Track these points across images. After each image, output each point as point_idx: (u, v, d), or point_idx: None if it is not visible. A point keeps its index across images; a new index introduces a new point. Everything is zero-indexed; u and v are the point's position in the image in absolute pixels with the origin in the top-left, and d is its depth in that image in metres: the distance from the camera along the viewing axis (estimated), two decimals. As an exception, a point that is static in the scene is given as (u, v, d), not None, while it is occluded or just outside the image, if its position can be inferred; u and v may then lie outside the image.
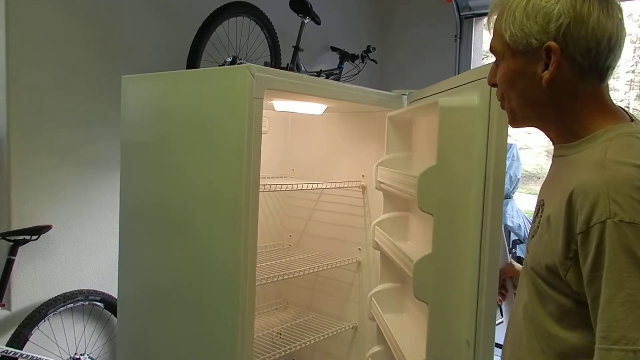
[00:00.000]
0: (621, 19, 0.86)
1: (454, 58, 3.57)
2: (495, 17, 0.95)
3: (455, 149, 1.26)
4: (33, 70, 2.17)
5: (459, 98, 1.33)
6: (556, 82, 0.87)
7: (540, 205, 0.93)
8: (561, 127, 0.92)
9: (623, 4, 0.89)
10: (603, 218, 0.75)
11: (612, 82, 0.92)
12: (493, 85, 0.99)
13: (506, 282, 1.33)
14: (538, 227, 0.90)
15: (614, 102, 0.92)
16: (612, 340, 0.73)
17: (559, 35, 0.85)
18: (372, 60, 3.21)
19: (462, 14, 3.54)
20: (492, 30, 0.96)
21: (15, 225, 2.14)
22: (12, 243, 2.08)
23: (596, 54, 0.85)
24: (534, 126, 0.98)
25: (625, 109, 0.92)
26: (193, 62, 2.32)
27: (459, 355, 1.27)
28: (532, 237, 0.91)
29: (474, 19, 3.57)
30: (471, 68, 3.57)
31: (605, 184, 0.76)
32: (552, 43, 0.85)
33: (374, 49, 3.20)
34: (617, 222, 0.74)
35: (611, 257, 0.74)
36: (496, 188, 1.18)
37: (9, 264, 2.08)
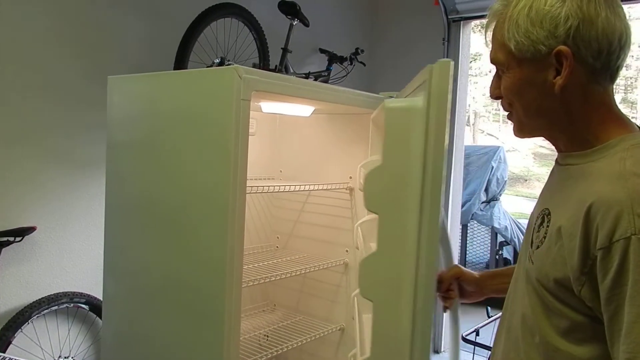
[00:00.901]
0: (625, 17, 0.85)
1: (441, 61, 3.60)
2: (492, 28, 0.92)
3: (400, 149, 1.27)
4: (17, 71, 2.14)
5: (406, 99, 1.34)
6: (568, 88, 0.85)
7: (545, 214, 0.89)
8: (571, 135, 0.89)
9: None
10: (628, 234, 0.72)
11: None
12: (497, 97, 0.95)
13: (452, 285, 1.31)
14: (545, 237, 0.86)
15: (619, 108, 0.90)
16: None
17: (569, 38, 0.82)
18: (361, 62, 3.22)
19: (449, 17, 3.57)
20: (491, 42, 0.93)
21: (-1, 227, 2.12)
22: (-5, 244, 2.06)
23: (607, 54, 0.83)
24: (541, 135, 0.95)
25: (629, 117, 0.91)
26: (180, 63, 2.31)
27: (402, 354, 1.28)
28: (538, 247, 0.87)
29: (462, 22, 3.59)
30: (459, 71, 3.59)
31: (629, 198, 0.73)
32: (562, 47, 0.82)
33: (362, 51, 3.21)
34: None
35: (637, 275, 0.71)
36: (434, 188, 1.21)
37: (-8, 265, 2.06)
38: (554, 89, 0.85)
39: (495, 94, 0.96)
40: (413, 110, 1.24)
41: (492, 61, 0.93)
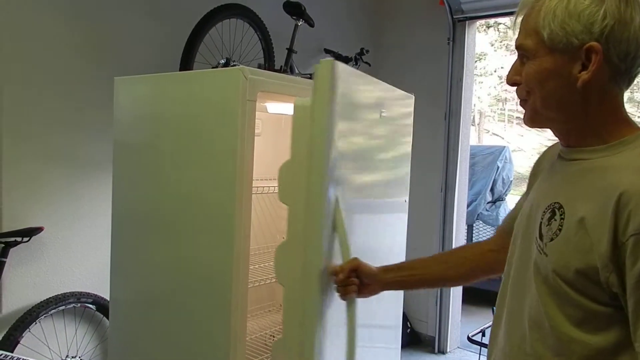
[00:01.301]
0: None
1: (447, 61, 3.59)
2: (524, 14, 0.93)
3: (302, 144, 1.34)
4: (25, 73, 2.16)
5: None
6: (590, 84, 0.87)
7: (555, 208, 0.90)
8: (584, 130, 0.92)
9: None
10: None
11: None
12: (514, 84, 0.96)
13: (351, 276, 1.33)
14: (560, 229, 0.88)
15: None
16: None
17: (602, 36, 0.85)
18: (366, 62, 3.22)
19: (454, 17, 3.56)
20: (519, 28, 0.94)
21: (6, 227, 2.13)
22: (3, 245, 2.07)
23: (633, 58, 0.87)
24: (551, 127, 0.97)
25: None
26: (186, 64, 2.31)
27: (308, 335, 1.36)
28: (552, 240, 0.89)
29: (467, 22, 3.58)
30: (464, 70, 3.58)
31: None
32: (594, 44, 0.85)
33: (367, 51, 3.21)
34: None
35: None
36: (316, 182, 1.28)
37: (0, 265, 2.07)
38: (577, 83, 0.88)
39: (513, 80, 0.96)
40: (308, 108, 1.31)
41: (519, 47, 0.94)
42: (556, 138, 1.00)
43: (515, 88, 0.97)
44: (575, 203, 0.87)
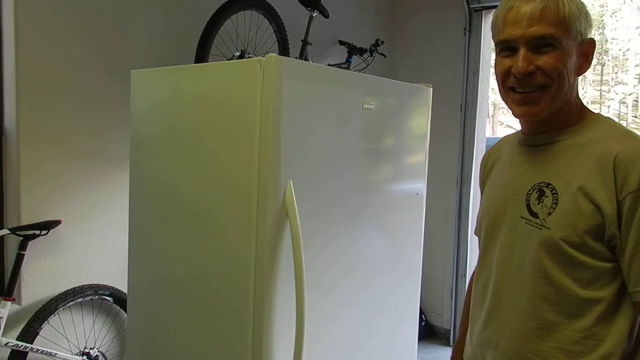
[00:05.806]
0: None
1: (463, 52, 3.54)
2: (542, 5, 0.95)
3: None
4: (42, 65, 2.16)
5: None
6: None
7: (542, 186, 0.99)
8: (564, 115, 1.01)
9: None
10: None
11: (620, 76, 1.07)
12: (528, 74, 0.96)
13: None
14: (556, 202, 0.95)
15: None
16: None
17: (591, 34, 0.99)
18: (381, 54, 3.19)
19: (471, 6, 3.51)
20: (533, 18, 0.95)
21: (25, 220, 2.14)
22: (21, 238, 2.09)
23: None
24: (547, 116, 1.00)
25: None
26: (201, 56, 2.30)
27: None
28: (550, 214, 0.96)
29: (483, 11, 3.53)
30: (480, 62, 3.53)
31: None
32: (593, 38, 0.97)
33: (382, 42, 3.18)
34: None
35: None
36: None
37: (19, 258, 2.09)
38: (577, 73, 0.99)
39: (529, 70, 0.96)
40: None
41: (544, 37, 0.95)
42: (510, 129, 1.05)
43: (511, 79, 0.99)
44: (566, 176, 0.96)
